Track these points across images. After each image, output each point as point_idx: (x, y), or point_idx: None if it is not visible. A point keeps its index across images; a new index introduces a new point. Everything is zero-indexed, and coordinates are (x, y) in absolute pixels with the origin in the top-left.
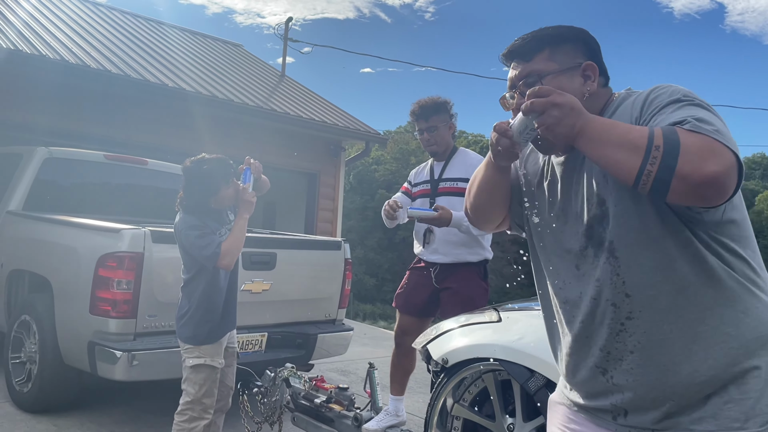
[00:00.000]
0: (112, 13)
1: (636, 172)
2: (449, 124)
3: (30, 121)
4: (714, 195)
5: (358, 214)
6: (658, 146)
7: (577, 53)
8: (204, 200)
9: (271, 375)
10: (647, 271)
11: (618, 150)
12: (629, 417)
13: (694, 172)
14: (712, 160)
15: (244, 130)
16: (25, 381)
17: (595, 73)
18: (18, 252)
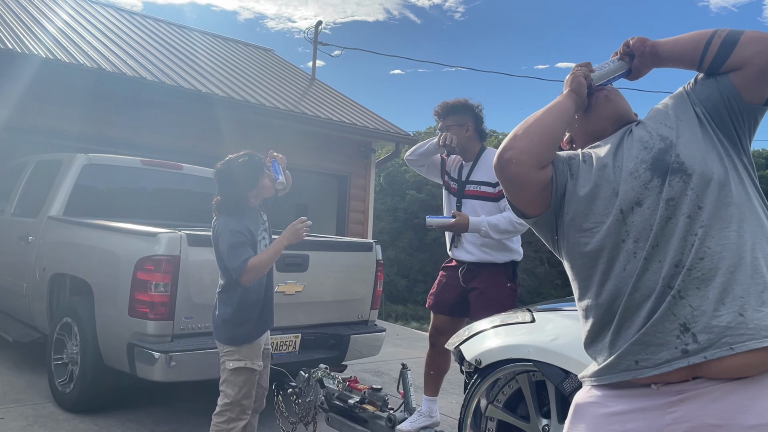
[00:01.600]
0: (147, 21)
1: (699, 58)
2: (466, 126)
3: (66, 128)
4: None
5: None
6: (719, 33)
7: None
8: (244, 196)
9: (305, 375)
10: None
11: (688, 43)
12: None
13: (759, 48)
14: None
15: (275, 133)
16: (67, 382)
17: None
18: (59, 256)
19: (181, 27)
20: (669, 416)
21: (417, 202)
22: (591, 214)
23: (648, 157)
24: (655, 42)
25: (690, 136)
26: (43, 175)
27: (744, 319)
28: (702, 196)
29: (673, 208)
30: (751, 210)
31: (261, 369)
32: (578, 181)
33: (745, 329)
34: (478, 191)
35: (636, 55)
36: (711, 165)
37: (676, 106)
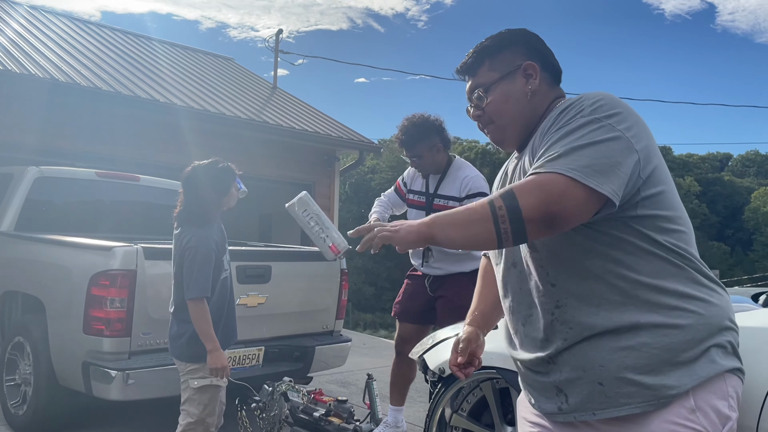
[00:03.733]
0: (103, 31)
1: (494, 236)
2: (437, 146)
3: (19, 141)
4: (562, 223)
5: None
6: (500, 206)
7: (516, 56)
8: (215, 204)
9: (269, 389)
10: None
11: (469, 227)
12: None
13: (536, 213)
14: (545, 198)
15: (237, 143)
16: (20, 403)
17: (536, 71)
18: (10, 273)
19: (139, 36)
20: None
21: None
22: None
23: None
24: (418, 229)
25: None
26: None
27: (603, 389)
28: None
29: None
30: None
31: (226, 384)
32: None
33: (605, 397)
34: (447, 206)
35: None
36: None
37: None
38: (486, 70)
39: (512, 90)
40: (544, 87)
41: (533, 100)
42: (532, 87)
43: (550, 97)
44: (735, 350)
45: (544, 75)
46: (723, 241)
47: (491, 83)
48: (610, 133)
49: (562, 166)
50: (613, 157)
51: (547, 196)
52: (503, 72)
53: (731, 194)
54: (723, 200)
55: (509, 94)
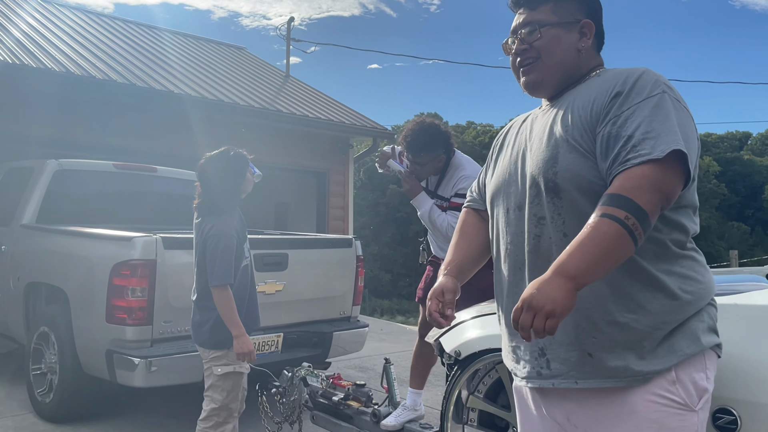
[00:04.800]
0: (116, 23)
1: (633, 245)
2: (439, 158)
3: (36, 134)
4: (674, 199)
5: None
6: (627, 216)
7: (579, 10)
8: (233, 190)
9: (288, 375)
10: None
11: (611, 253)
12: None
13: (656, 203)
14: (657, 187)
15: (251, 132)
16: (46, 391)
17: (591, 31)
18: (33, 264)
19: (151, 28)
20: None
21: (398, 196)
22: None
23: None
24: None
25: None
26: (14, 183)
27: (592, 360)
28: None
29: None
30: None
31: (248, 371)
32: None
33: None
34: (441, 207)
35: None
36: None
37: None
38: (548, 10)
39: (566, 39)
40: (591, 49)
41: (580, 57)
42: (584, 45)
43: (594, 61)
44: (714, 326)
45: (594, 39)
46: (743, 221)
47: (549, 23)
48: (689, 116)
49: (667, 144)
50: (695, 143)
51: (659, 184)
52: (564, 19)
53: (751, 173)
54: (742, 180)
55: (562, 41)
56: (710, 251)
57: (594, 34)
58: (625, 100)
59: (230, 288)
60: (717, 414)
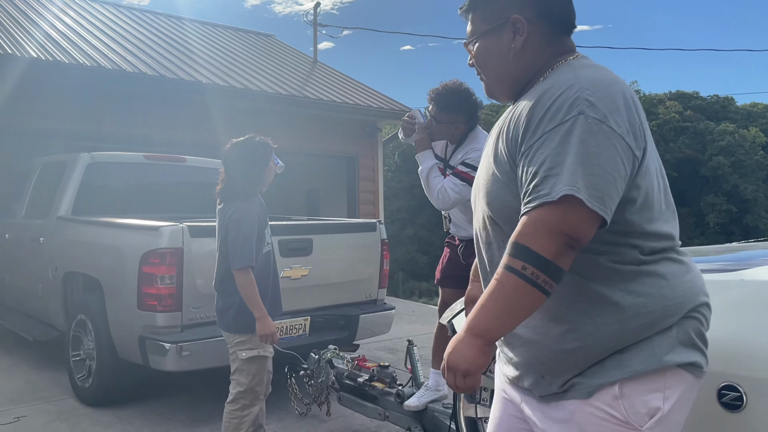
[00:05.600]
0: (146, 16)
1: (543, 294)
2: (456, 124)
3: (70, 128)
4: (583, 240)
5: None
6: (524, 267)
7: (508, 6)
8: (255, 177)
9: (315, 357)
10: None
11: (517, 307)
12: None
13: (557, 248)
14: (557, 230)
15: (279, 119)
16: (86, 377)
17: (523, 26)
18: (69, 255)
19: (180, 19)
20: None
21: None
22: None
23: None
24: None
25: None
26: (50, 177)
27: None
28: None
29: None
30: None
31: (272, 355)
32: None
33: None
34: (444, 172)
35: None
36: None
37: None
38: (477, 19)
39: (497, 45)
40: (535, 43)
41: (521, 58)
42: (516, 45)
43: (547, 53)
44: (693, 341)
45: (541, 28)
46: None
47: (479, 35)
48: (614, 138)
49: (563, 186)
50: (615, 170)
51: (556, 226)
52: (491, 24)
53: None
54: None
55: (492, 50)
56: (757, 225)
57: (537, 23)
58: (537, 127)
59: (252, 271)
60: (722, 391)
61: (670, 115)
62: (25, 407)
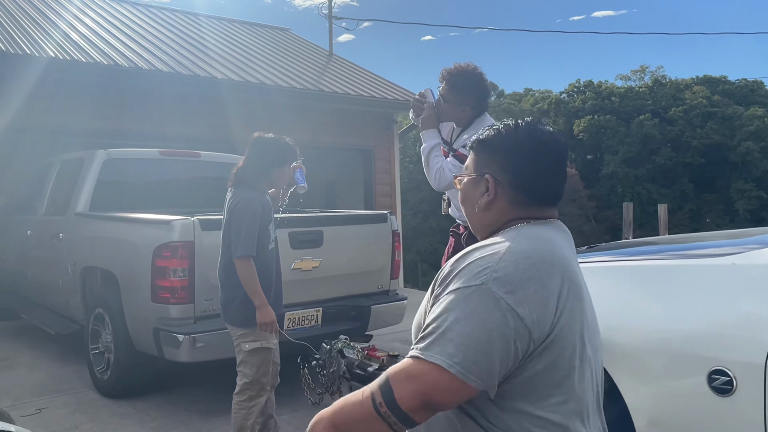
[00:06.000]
0: (163, 13)
1: (388, 428)
2: (463, 107)
3: (86, 126)
4: (443, 406)
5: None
6: (380, 403)
7: (490, 163)
8: (268, 170)
9: (326, 347)
10: None
11: (365, 424)
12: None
13: (413, 404)
14: (419, 390)
15: (294, 113)
16: (104, 369)
17: (491, 187)
18: (87, 250)
19: (195, 15)
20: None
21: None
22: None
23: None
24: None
25: None
26: (68, 174)
27: None
28: None
29: None
30: None
31: (276, 347)
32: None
33: None
34: (445, 153)
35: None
36: None
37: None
38: (471, 161)
39: (472, 193)
40: (502, 203)
41: (485, 214)
42: (481, 202)
43: (509, 215)
44: None
45: (509, 192)
46: None
47: (466, 175)
48: (504, 317)
49: (434, 353)
50: (495, 347)
51: (419, 387)
52: (475, 172)
53: None
54: None
55: (468, 195)
56: None
57: (507, 188)
58: (448, 281)
59: (253, 261)
60: (713, 375)
61: (697, 100)
62: (47, 399)
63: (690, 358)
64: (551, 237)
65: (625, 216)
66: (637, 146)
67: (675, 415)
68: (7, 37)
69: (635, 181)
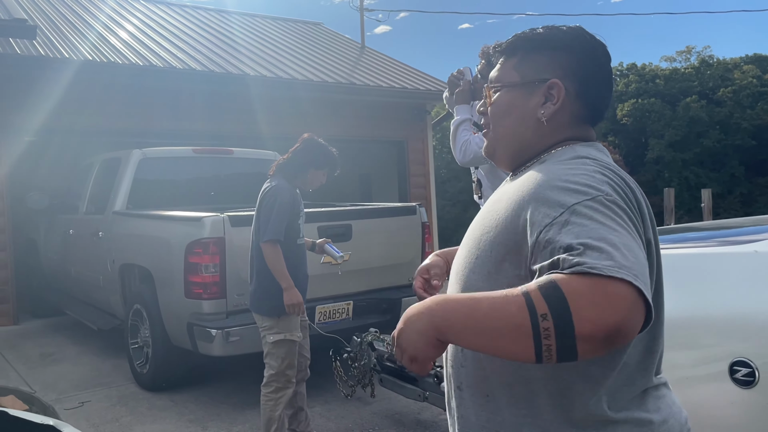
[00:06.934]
0: (196, 12)
1: (533, 355)
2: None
3: (123, 125)
4: (623, 340)
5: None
6: (544, 315)
7: (550, 66)
8: (306, 168)
9: (357, 340)
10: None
11: (500, 339)
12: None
13: (596, 330)
14: (609, 309)
15: (327, 107)
16: (144, 363)
17: (560, 94)
18: (125, 248)
19: (228, 13)
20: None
21: None
22: None
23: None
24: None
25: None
26: (106, 173)
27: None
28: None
29: None
30: None
31: (300, 340)
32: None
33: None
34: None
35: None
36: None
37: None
38: (510, 66)
39: (523, 104)
40: (564, 118)
41: (543, 128)
42: (545, 112)
43: (565, 133)
44: None
45: (573, 105)
46: None
47: (506, 84)
48: (633, 228)
49: (626, 269)
50: (645, 264)
51: (615, 311)
52: (526, 78)
53: None
54: None
55: (516, 107)
56: None
57: (572, 97)
58: (549, 210)
59: (279, 245)
60: (734, 367)
61: (746, 80)
62: (90, 393)
63: (710, 349)
64: (609, 160)
65: (666, 202)
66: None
67: (695, 408)
68: (46, 41)
69: (683, 166)
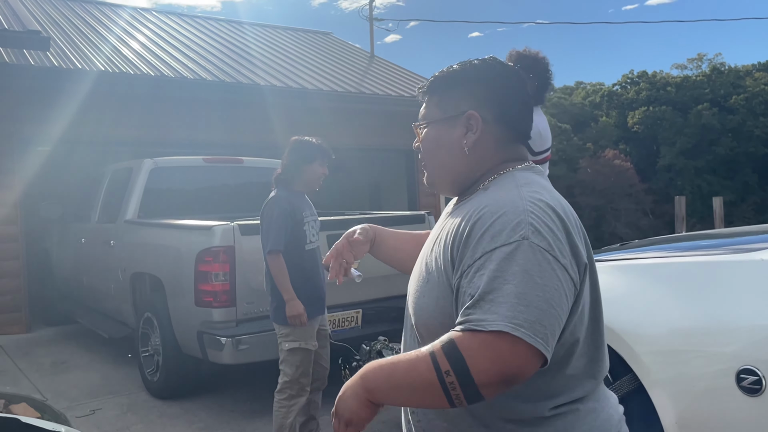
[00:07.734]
0: (207, 23)
1: (447, 403)
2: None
3: (134, 135)
4: (521, 380)
5: None
6: (447, 371)
7: (465, 99)
8: (298, 167)
9: (366, 348)
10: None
11: (417, 394)
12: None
13: (492, 378)
14: (498, 361)
15: (337, 116)
16: (154, 371)
17: (477, 123)
18: (136, 256)
19: (239, 23)
20: None
21: None
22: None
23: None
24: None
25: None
26: (118, 183)
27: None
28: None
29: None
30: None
31: (315, 349)
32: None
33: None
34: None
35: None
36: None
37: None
38: (433, 104)
39: (448, 137)
40: (489, 143)
41: (470, 156)
42: (468, 141)
43: (497, 157)
44: None
45: (495, 129)
46: None
47: (431, 121)
48: (554, 271)
49: (507, 319)
50: (557, 305)
51: (503, 361)
52: (446, 113)
53: None
54: None
55: (442, 140)
56: None
57: (492, 123)
58: (477, 245)
59: (281, 256)
60: (741, 375)
61: (759, 87)
62: (101, 401)
63: (718, 357)
64: (546, 185)
65: (677, 210)
66: (695, 137)
67: (703, 415)
68: (60, 53)
69: (695, 174)
